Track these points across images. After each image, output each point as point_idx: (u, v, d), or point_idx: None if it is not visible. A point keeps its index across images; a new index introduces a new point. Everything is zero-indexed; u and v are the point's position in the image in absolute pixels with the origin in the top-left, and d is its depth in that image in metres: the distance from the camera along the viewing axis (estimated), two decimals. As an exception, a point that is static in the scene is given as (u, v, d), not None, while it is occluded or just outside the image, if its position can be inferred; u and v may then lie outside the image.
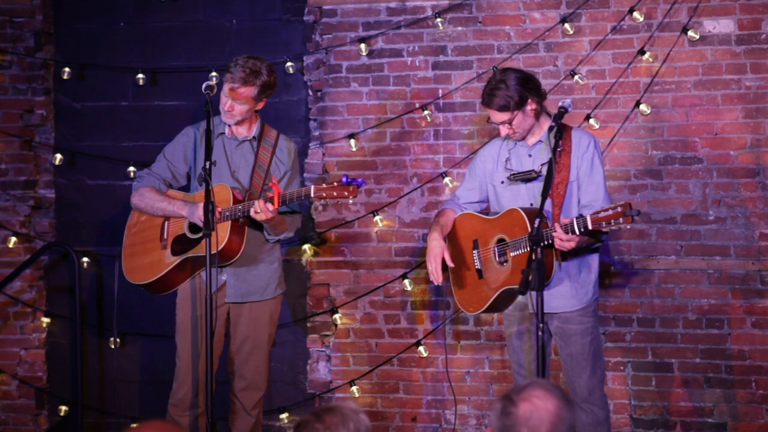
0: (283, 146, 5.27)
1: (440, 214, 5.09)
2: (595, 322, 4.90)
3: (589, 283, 4.85)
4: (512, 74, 4.80)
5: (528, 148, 4.90)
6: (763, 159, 5.72)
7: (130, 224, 5.35)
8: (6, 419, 6.42)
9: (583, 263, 4.83)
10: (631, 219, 4.32)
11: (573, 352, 4.85)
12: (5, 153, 6.41)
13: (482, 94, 4.86)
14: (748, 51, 5.73)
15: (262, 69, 5.10)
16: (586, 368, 4.85)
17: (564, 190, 4.73)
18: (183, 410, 5.20)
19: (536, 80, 4.86)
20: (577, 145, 4.80)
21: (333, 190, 4.86)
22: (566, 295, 4.80)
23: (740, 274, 5.74)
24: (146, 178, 5.31)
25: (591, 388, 4.87)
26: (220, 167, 5.18)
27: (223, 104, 5.14)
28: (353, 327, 6.18)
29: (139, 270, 5.24)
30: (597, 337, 4.91)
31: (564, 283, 4.79)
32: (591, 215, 4.44)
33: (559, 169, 4.74)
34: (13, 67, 6.41)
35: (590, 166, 4.80)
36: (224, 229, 4.98)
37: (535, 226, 4.40)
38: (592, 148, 4.82)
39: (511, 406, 2.80)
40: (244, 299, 5.21)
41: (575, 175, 4.79)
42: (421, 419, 6.12)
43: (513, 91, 4.74)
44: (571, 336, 4.85)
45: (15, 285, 6.37)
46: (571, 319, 4.84)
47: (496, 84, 4.79)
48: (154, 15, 6.40)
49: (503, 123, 4.80)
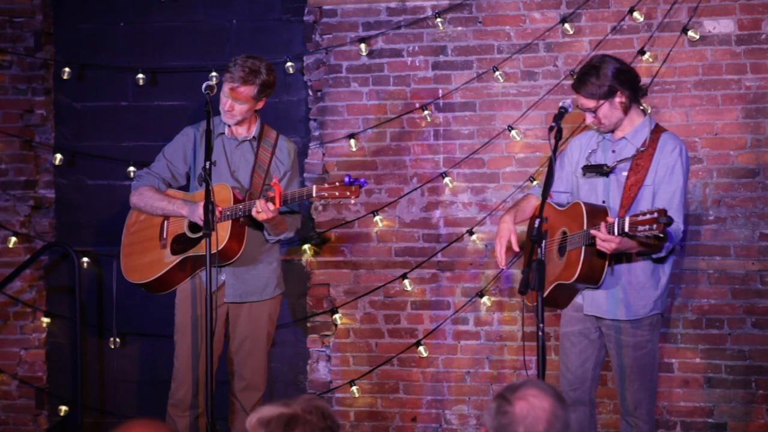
0: (282, 146, 5.27)
1: (523, 199, 4.96)
2: (651, 336, 4.69)
3: (650, 295, 4.66)
4: (610, 63, 4.66)
5: (613, 143, 4.76)
6: (763, 159, 5.72)
7: (128, 224, 5.35)
8: (6, 419, 6.42)
9: (649, 273, 4.66)
10: (663, 227, 4.15)
11: (622, 363, 4.69)
12: (5, 153, 6.42)
13: (575, 76, 4.74)
14: (748, 51, 5.72)
15: (261, 68, 5.10)
16: (634, 382, 4.68)
17: (636, 192, 4.57)
18: (183, 410, 5.19)
19: (634, 74, 4.71)
20: (661, 148, 4.63)
21: (335, 190, 4.85)
22: (620, 302, 4.65)
23: (740, 274, 5.74)
24: (145, 178, 5.31)
25: (637, 403, 4.70)
26: (220, 167, 5.18)
27: (223, 104, 5.14)
28: (353, 327, 6.17)
29: (139, 269, 5.24)
30: (650, 352, 4.70)
31: (622, 289, 4.64)
32: (630, 217, 4.29)
33: (637, 170, 4.61)
34: (13, 67, 6.41)
35: (669, 173, 4.60)
36: (224, 228, 4.98)
37: (535, 227, 4.29)
38: (676, 154, 4.61)
39: (507, 405, 2.80)
40: (243, 299, 5.21)
41: (652, 179, 4.61)
42: (421, 419, 6.11)
43: (604, 79, 4.61)
44: (622, 347, 4.68)
45: (15, 285, 6.37)
46: (623, 330, 4.67)
47: (589, 69, 4.66)
48: (154, 15, 6.40)
49: (589, 110, 4.68)
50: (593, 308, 4.72)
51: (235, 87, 5.08)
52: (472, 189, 6.04)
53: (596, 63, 4.69)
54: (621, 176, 4.67)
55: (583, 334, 4.77)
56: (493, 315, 6.01)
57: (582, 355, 4.78)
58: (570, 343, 4.82)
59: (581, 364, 4.78)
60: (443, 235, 6.07)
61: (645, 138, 4.67)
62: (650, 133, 4.68)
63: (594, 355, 4.78)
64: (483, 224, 6.01)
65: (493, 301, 6.01)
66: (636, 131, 4.71)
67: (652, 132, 4.69)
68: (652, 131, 4.69)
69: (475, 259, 6.03)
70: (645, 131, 4.70)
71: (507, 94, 6.01)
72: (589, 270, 4.56)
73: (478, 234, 6.01)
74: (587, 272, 4.57)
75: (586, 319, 4.75)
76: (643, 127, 4.71)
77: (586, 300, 4.73)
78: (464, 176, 6.06)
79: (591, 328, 4.76)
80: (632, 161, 4.65)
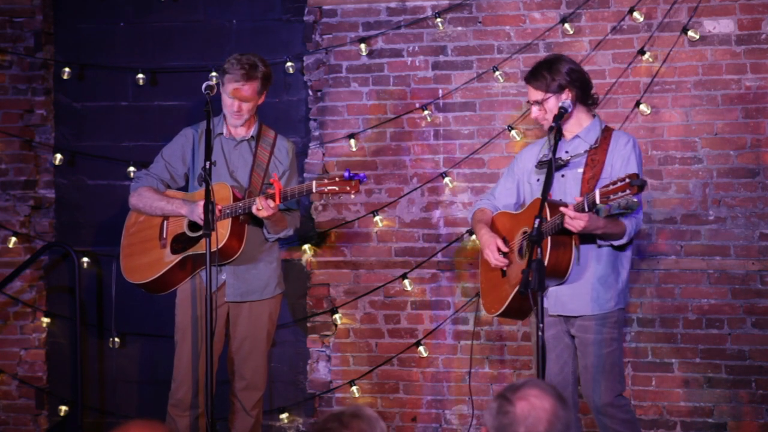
0: (281, 146, 5.27)
1: (478, 212, 5.00)
2: (616, 335, 4.69)
3: (613, 289, 4.67)
4: (564, 61, 4.76)
5: (566, 143, 4.79)
6: (763, 159, 5.72)
7: (128, 224, 5.35)
8: (6, 419, 6.42)
9: (611, 266, 4.67)
10: (637, 189, 4.16)
11: (587, 363, 4.68)
12: (5, 153, 6.42)
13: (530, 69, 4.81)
14: (748, 51, 5.72)
15: (258, 62, 5.12)
16: (600, 382, 4.67)
17: (594, 185, 4.59)
18: (183, 410, 5.19)
19: (586, 77, 4.77)
20: (614, 143, 4.72)
21: (335, 185, 4.85)
22: (586, 297, 4.65)
23: (740, 274, 5.74)
24: (144, 179, 5.31)
25: (606, 400, 4.67)
26: (219, 167, 5.18)
27: (229, 106, 5.13)
28: (353, 327, 6.17)
29: (139, 269, 5.23)
30: (615, 351, 4.69)
31: (585, 283, 4.65)
32: (599, 189, 4.33)
33: (593, 165, 4.67)
34: (13, 67, 6.41)
35: (626, 163, 4.67)
36: (224, 226, 4.98)
37: (534, 226, 4.29)
38: (630, 146, 4.70)
39: (508, 405, 2.80)
40: (243, 299, 5.21)
41: (608, 172, 4.66)
42: (421, 419, 6.11)
43: (556, 74, 4.69)
44: (587, 346, 4.68)
45: (15, 285, 6.37)
46: (588, 328, 4.67)
47: (544, 63, 4.76)
48: (154, 15, 6.40)
49: (536, 102, 4.73)
50: (558, 307, 4.70)
51: (239, 87, 5.08)
52: (472, 189, 6.04)
53: (551, 59, 4.80)
54: (577, 173, 4.72)
55: (557, 338, 4.74)
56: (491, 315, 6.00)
57: (560, 360, 4.75)
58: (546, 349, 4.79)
59: (560, 370, 4.74)
60: (443, 235, 6.07)
61: (597, 136, 4.74)
62: (601, 132, 4.75)
63: (571, 358, 4.76)
64: (483, 224, 6.01)
65: (493, 301, 6.00)
66: (588, 130, 4.78)
67: (603, 131, 4.77)
68: (602, 130, 4.77)
69: (475, 259, 6.02)
70: (596, 130, 4.77)
71: (507, 94, 6.01)
72: (555, 261, 4.54)
73: (478, 234, 6.00)
74: (554, 264, 4.54)
75: (556, 322, 4.73)
76: (594, 127, 4.78)
77: (550, 301, 4.68)
78: (464, 176, 6.06)
79: (562, 331, 4.75)
80: (587, 157, 4.71)
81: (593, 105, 4.83)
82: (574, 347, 4.76)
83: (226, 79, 5.12)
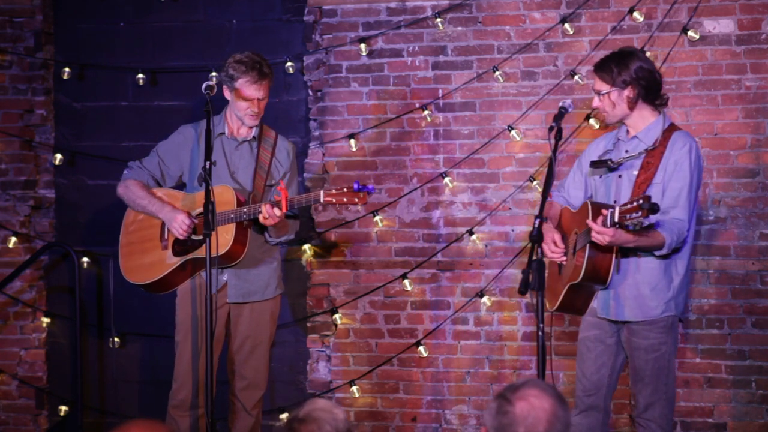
0: (282, 147, 5.26)
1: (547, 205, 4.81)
2: (665, 339, 4.62)
3: (661, 296, 4.60)
4: (636, 58, 4.67)
5: (626, 142, 4.73)
6: (763, 159, 5.72)
7: (126, 222, 5.33)
8: (6, 419, 6.42)
9: (660, 273, 4.61)
10: (647, 213, 4.12)
11: (635, 366, 4.66)
12: (5, 153, 6.42)
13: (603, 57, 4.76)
14: (748, 51, 5.72)
15: (262, 59, 5.16)
16: (648, 385, 4.63)
17: (644, 190, 4.52)
18: (184, 411, 5.19)
19: (655, 77, 4.67)
20: (671, 146, 4.61)
21: (343, 196, 4.83)
22: (631, 303, 4.61)
23: (740, 274, 5.74)
24: (136, 171, 5.28)
25: (647, 405, 4.64)
26: (220, 168, 5.17)
27: (247, 108, 5.11)
28: (353, 327, 6.17)
29: (139, 270, 5.22)
30: (665, 356, 4.63)
31: (632, 289, 4.60)
32: (620, 206, 4.28)
33: (648, 168, 4.59)
34: (13, 67, 6.42)
35: (677, 170, 4.57)
36: (229, 232, 4.97)
37: (535, 226, 4.28)
38: (686, 151, 4.57)
39: (508, 405, 2.80)
40: (245, 299, 5.21)
41: (661, 177, 4.58)
42: (421, 419, 6.11)
43: (623, 69, 4.62)
44: (634, 350, 4.65)
45: (15, 285, 6.37)
46: (637, 332, 4.63)
47: (616, 55, 4.69)
48: (154, 15, 6.40)
49: (599, 93, 4.68)
50: (605, 311, 4.69)
51: (258, 86, 5.08)
52: (472, 189, 6.04)
53: (624, 52, 4.72)
54: (632, 175, 4.64)
55: (599, 340, 4.72)
56: (493, 315, 6.01)
57: (598, 361, 4.73)
58: (586, 348, 4.77)
59: (597, 370, 4.73)
60: (443, 235, 6.07)
61: (657, 137, 4.64)
62: (662, 132, 4.65)
63: (610, 361, 4.73)
64: (483, 224, 6.01)
65: (493, 301, 6.01)
66: (648, 129, 4.68)
67: (665, 131, 4.66)
68: (664, 130, 4.66)
69: (475, 259, 6.03)
70: (657, 130, 4.67)
71: (507, 94, 6.01)
72: (593, 268, 4.53)
73: (478, 234, 6.01)
74: (591, 270, 4.53)
75: (602, 324, 4.70)
76: (655, 126, 4.68)
77: (599, 303, 4.69)
78: (464, 176, 6.06)
79: (607, 332, 4.71)
80: (643, 159, 4.63)
81: (661, 105, 4.72)
82: (617, 350, 4.73)
83: (239, 82, 5.08)
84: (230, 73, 5.11)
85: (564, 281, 4.68)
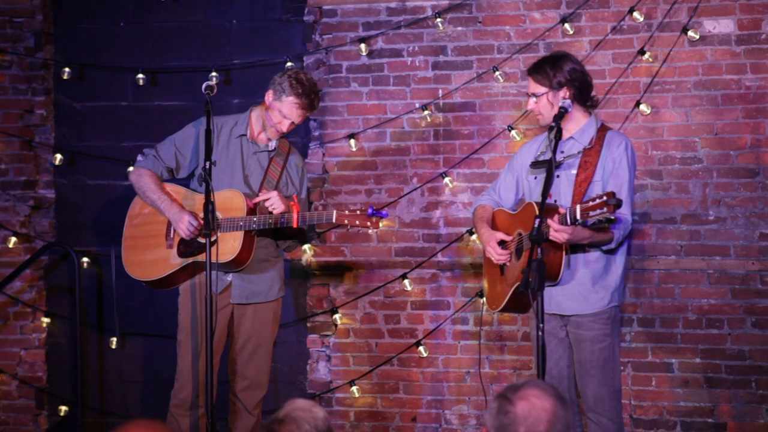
0: (292, 163, 5.25)
1: (479, 209, 5.02)
2: (610, 331, 4.71)
3: (606, 288, 4.71)
4: (569, 60, 4.77)
5: (561, 143, 4.79)
6: (763, 159, 5.72)
7: (131, 214, 5.28)
8: (6, 419, 6.42)
9: (603, 268, 4.71)
10: (613, 208, 4.19)
11: (581, 358, 4.73)
12: (5, 153, 6.42)
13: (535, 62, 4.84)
14: (748, 51, 5.73)
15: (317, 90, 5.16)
16: (594, 377, 4.70)
17: (586, 188, 4.64)
18: (186, 410, 5.18)
19: (587, 79, 4.77)
20: (608, 144, 4.72)
21: (356, 219, 4.85)
22: (578, 297, 4.70)
23: (740, 274, 5.74)
24: (151, 161, 5.22)
25: (598, 398, 4.71)
26: (234, 168, 5.15)
27: (278, 123, 5.10)
28: (353, 327, 6.18)
29: (142, 266, 5.20)
30: (610, 347, 4.71)
31: (578, 284, 4.69)
32: (580, 204, 4.35)
33: (586, 167, 4.68)
34: (13, 67, 6.42)
35: (616, 167, 4.68)
36: (237, 239, 4.97)
37: (535, 226, 4.32)
38: (622, 149, 4.70)
39: (509, 404, 2.81)
40: (249, 300, 5.20)
41: (600, 174, 4.69)
42: (421, 419, 6.11)
43: (557, 71, 4.71)
44: (580, 342, 4.73)
45: (15, 285, 6.37)
46: (582, 324, 4.72)
47: (549, 58, 4.79)
48: (154, 15, 6.41)
49: (533, 95, 4.76)
50: (553, 306, 4.73)
51: (301, 113, 5.09)
52: (472, 189, 6.05)
53: (557, 56, 4.82)
54: (570, 174, 4.73)
55: (551, 334, 4.77)
56: (493, 315, 6.01)
57: (554, 355, 4.79)
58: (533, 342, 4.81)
59: (555, 364, 4.78)
60: (443, 235, 6.08)
61: (592, 137, 4.75)
62: (596, 132, 4.75)
63: (566, 354, 4.80)
64: (483, 224, 6.01)
65: (493, 301, 6.01)
66: (582, 130, 4.77)
67: (598, 131, 4.76)
68: (598, 130, 4.76)
69: (475, 259, 6.03)
70: (591, 130, 4.77)
71: (507, 94, 6.02)
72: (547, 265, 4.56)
73: (478, 234, 6.01)
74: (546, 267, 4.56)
75: (551, 319, 4.75)
76: (589, 127, 4.78)
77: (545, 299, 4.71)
78: (464, 176, 6.06)
79: (557, 326, 4.79)
80: (581, 158, 4.71)
81: (592, 107, 4.83)
82: (569, 343, 4.80)
83: (288, 99, 5.05)
84: (285, 85, 5.08)
85: (510, 282, 4.74)
